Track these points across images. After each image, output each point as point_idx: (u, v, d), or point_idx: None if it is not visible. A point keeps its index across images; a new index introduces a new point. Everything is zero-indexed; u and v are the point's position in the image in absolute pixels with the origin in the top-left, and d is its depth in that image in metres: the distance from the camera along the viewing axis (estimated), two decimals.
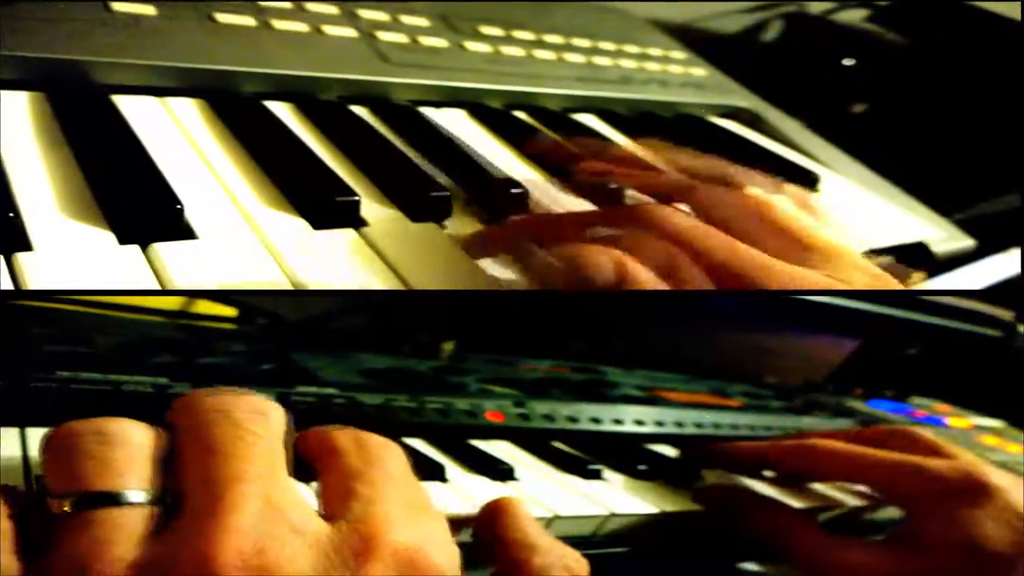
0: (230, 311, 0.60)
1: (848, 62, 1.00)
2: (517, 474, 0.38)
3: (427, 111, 0.55)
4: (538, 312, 0.69)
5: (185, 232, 0.34)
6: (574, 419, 0.48)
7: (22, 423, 0.31)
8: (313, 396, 0.41)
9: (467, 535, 0.30)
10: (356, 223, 0.38)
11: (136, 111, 0.42)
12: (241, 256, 0.33)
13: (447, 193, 0.42)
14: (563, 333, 0.72)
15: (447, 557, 0.23)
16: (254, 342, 0.52)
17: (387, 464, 0.25)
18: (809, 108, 0.85)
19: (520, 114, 0.61)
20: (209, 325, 0.58)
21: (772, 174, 0.40)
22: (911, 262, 0.61)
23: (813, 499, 0.44)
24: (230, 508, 0.21)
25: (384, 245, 0.37)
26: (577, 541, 0.31)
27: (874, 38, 1.03)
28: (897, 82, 0.96)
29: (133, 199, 0.34)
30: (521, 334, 0.67)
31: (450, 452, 0.40)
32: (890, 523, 0.45)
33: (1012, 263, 0.66)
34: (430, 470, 0.35)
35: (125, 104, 0.43)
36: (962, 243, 0.67)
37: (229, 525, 0.20)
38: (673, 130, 0.67)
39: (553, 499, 0.36)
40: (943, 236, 0.65)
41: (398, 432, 0.27)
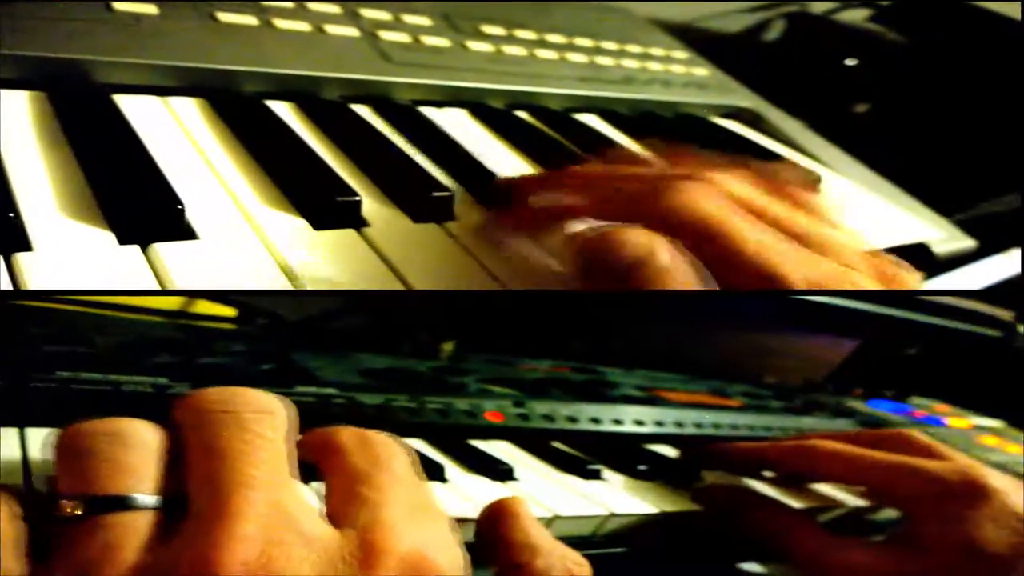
0: (230, 311, 0.60)
1: (850, 62, 0.99)
2: (517, 474, 0.38)
3: (429, 111, 0.55)
4: (538, 312, 0.69)
5: (186, 232, 0.34)
6: (574, 419, 0.48)
7: (22, 423, 0.31)
8: (313, 396, 0.41)
9: (468, 535, 0.30)
10: (357, 223, 0.38)
11: (137, 110, 0.42)
12: (242, 256, 0.33)
13: (449, 193, 0.42)
14: (563, 333, 0.72)
15: (451, 559, 0.23)
16: (254, 342, 0.52)
17: (392, 465, 0.25)
18: (811, 108, 0.84)
19: (522, 114, 0.61)
20: (209, 325, 0.58)
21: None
22: (911, 262, 0.61)
23: (813, 499, 0.44)
24: (236, 515, 0.21)
25: (385, 245, 0.37)
26: (577, 541, 0.31)
27: (876, 38, 1.03)
28: (899, 82, 0.96)
29: (133, 199, 0.33)
30: (521, 334, 0.67)
31: (450, 452, 0.40)
32: (890, 523, 0.45)
33: (1012, 263, 0.66)
34: (430, 470, 0.35)
35: (126, 103, 0.43)
36: (962, 243, 0.67)
37: (235, 532, 0.20)
38: (675, 130, 0.67)
39: (553, 499, 0.36)
40: (943, 236, 0.65)
41: (398, 432, 0.26)
